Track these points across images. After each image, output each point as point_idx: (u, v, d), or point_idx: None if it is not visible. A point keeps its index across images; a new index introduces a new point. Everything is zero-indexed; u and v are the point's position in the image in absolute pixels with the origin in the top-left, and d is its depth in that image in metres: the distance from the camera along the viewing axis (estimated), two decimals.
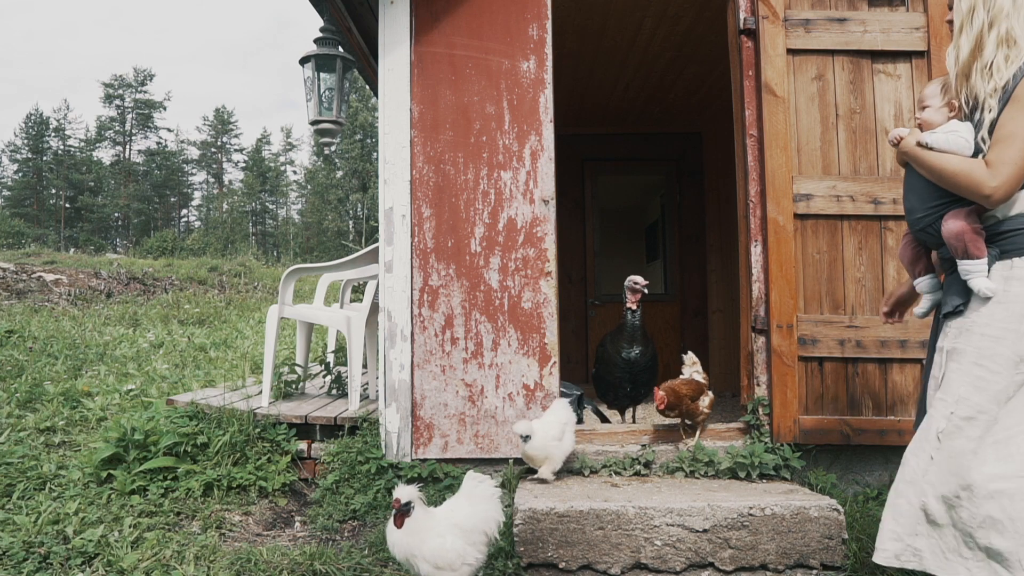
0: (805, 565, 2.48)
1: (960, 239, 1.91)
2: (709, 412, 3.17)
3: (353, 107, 41.87)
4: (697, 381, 3.18)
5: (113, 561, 2.50)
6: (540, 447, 2.89)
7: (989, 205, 1.86)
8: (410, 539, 2.16)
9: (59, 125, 54.96)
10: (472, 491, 2.37)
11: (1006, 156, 1.79)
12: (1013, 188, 1.82)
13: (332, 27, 4.54)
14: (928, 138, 1.97)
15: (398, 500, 2.16)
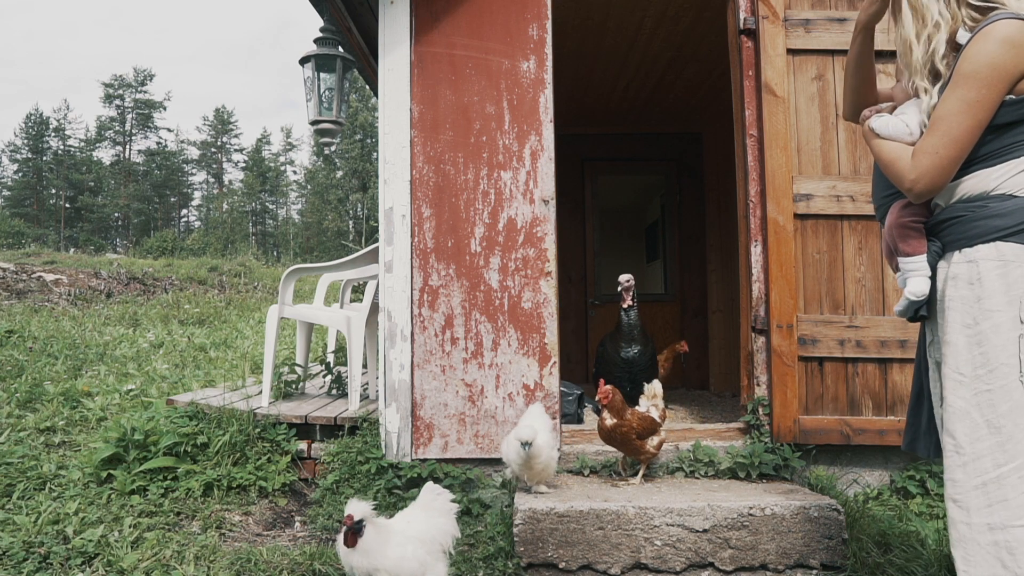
0: (805, 565, 2.48)
1: (890, 233, 1.79)
2: (656, 454, 2.92)
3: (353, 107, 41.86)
4: (651, 418, 2.92)
5: (113, 561, 2.50)
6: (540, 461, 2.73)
7: (912, 198, 1.71)
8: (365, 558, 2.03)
9: (59, 125, 54.97)
10: (430, 503, 2.28)
11: (927, 145, 1.63)
12: (935, 179, 1.64)
13: (332, 27, 4.54)
14: (873, 122, 1.80)
15: (351, 517, 2.02)
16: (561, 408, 3.30)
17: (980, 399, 1.58)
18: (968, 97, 1.58)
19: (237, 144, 60.30)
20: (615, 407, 2.83)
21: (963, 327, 1.61)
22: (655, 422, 2.91)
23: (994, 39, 1.55)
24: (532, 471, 2.75)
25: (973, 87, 1.57)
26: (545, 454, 2.72)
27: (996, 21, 1.57)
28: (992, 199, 1.61)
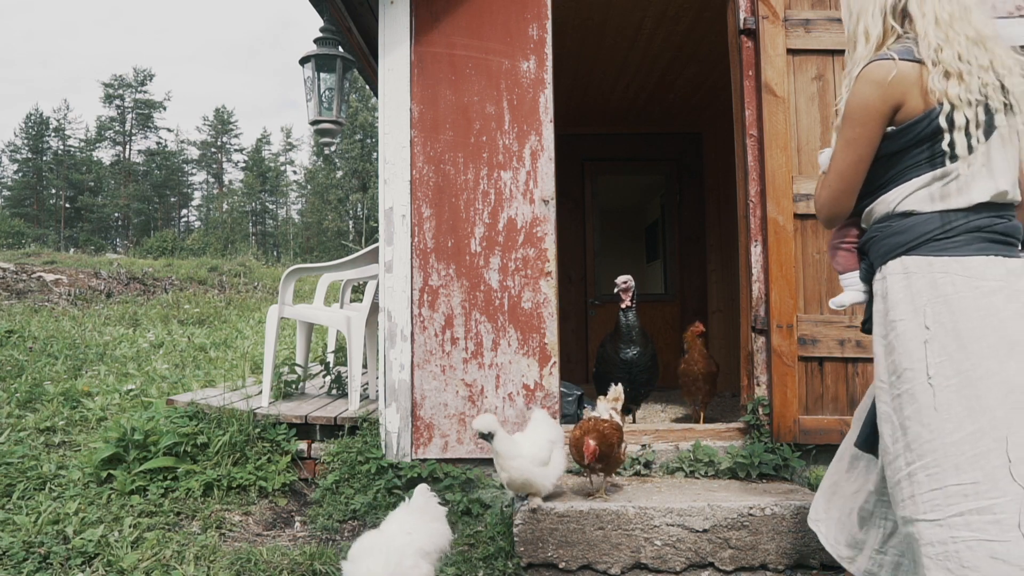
0: (805, 565, 2.48)
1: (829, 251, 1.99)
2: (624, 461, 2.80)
3: (353, 107, 41.86)
4: (617, 424, 2.69)
5: (113, 561, 2.50)
6: (520, 471, 2.49)
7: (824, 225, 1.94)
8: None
9: (59, 125, 54.97)
10: (423, 507, 2.21)
11: (825, 179, 1.85)
12: (831, 209, 1.84)
13: (332, 27, 4.54)
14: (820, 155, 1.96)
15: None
16: (561, 408, 3.30)
17: (895, 403, 1.69)
18: (847, 135, 1.76)
19: (237, 144, 60.33)
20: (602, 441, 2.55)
21: (880, 338, 1.76)
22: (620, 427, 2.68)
23: (864, 81, 1.72)
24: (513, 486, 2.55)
25: (849, 126, 1.76)
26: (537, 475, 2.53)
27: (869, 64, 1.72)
28: (895, 218, 1.75)
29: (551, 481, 2.58)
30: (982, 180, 1.68)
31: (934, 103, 1.67)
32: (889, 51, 1.73)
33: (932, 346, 1.64)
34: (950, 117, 1.65)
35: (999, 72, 1.68)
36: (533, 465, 2.52)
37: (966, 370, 1.60)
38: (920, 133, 1.69)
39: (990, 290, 1.64)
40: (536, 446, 2.58)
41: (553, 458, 2.59)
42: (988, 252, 1.67)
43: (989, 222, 1.69)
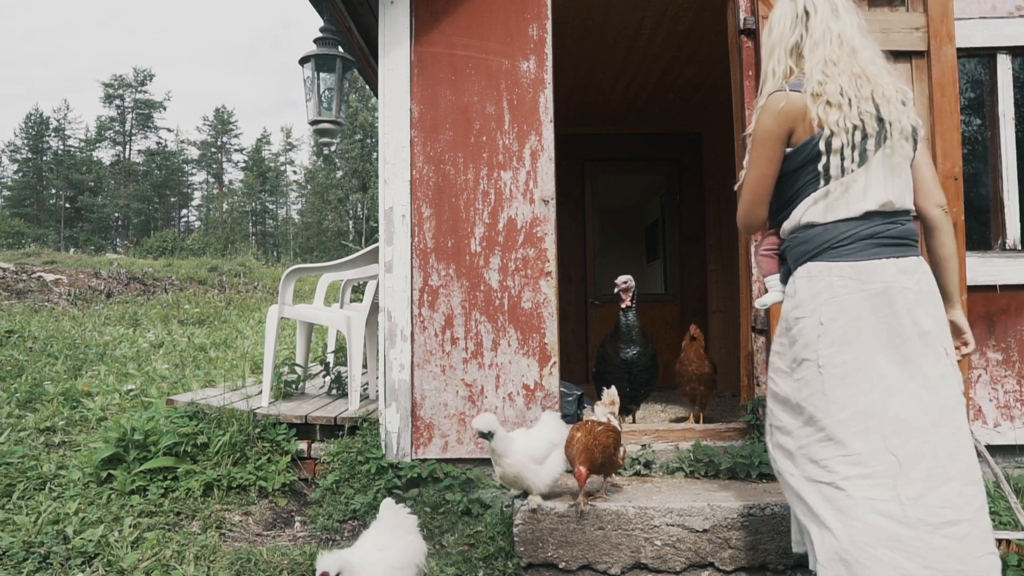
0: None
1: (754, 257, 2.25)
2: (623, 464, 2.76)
3: (353, 107, 41.87)
4: (614, 427, 2.65)
5: (113, 561, 2.50)
6: (513, 466, 2.50)
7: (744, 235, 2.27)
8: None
9: (59, 125, 54.99)
10: (393, 523, 2.15)
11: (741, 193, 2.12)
12: (745, 220, 2.14)
13: (332, 27, 4.54)
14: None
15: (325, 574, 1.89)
16: (561, 408, 3.30)
17: (795, 386, 1.99)
18: (753, 155, 2.06)
19: (237, 144, 60.35)
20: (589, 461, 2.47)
21: (785, 331, 2.05)
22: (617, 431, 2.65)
23: (764, 109, 2.04)
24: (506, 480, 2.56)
25: (753, 147, 2.05)
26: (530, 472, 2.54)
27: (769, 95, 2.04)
28: (800, 229, 2.01)
29: (545, 480, 2.57)
30: (869, 191, 1.93)
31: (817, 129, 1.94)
32: (785, 84, 2.03)
33: (823, 339, 1.91)
34: (828, 141, 1.92)
35: (878, 102, 1.95)
36: (527, 461, 2.52)
37: (848, 361, 1.88)
38: (808, 154, 1.97)
39: (876, 291, 1.89)
40: (533, 443, 2.58)
41: (551, 458, 2.59)
42: (880, 256, 1.91)
43: (881, 229, 1.94)
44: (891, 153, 1.95)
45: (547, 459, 2.58)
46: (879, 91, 1.96)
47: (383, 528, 2.15)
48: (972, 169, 3.44)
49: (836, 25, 2.06)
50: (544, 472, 2.56)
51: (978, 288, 3.24)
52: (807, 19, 2.10)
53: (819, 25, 2.07)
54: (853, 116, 1.92)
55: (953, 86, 3.17)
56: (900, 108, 1.97)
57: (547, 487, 2.58)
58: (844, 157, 1.92)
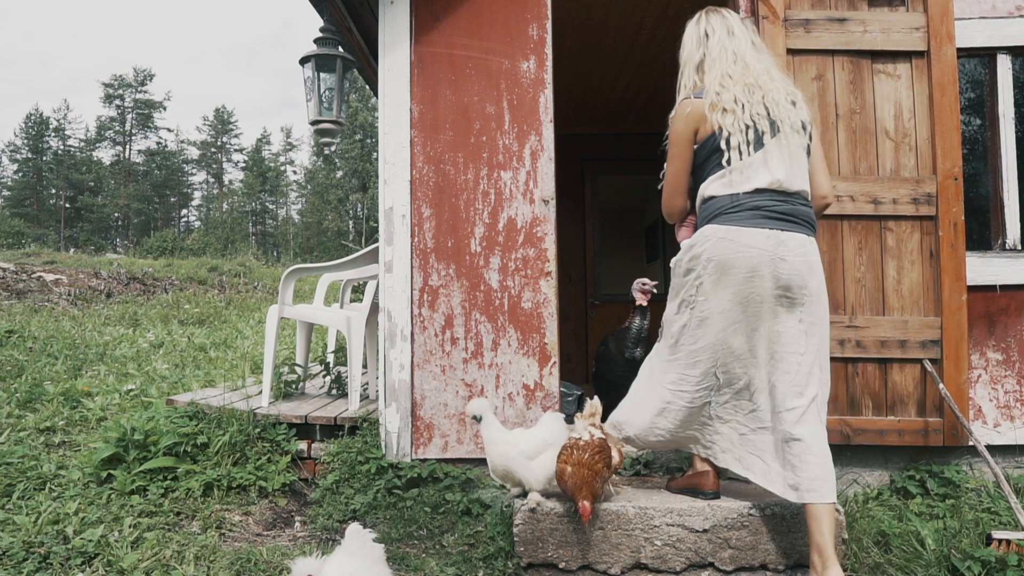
0: (805, 565, 2.48)
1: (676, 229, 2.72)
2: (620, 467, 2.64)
3: (353, 107, 41.87)
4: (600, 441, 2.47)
5: (113, 561, 2.50)
6: (501, 456, 2.51)
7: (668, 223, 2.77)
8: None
9: (59, 125, 54.99)
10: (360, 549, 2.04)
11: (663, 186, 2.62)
12: (667, 208, 2.66)
13: (332, 27, 4.54)
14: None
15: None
16: (561, 409, 3.30)
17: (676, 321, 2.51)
18: (670, 154, 2.55)
19: (237, 144, 60.36)
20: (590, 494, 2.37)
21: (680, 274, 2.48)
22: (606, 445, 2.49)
23: (676, 115, 2.51)
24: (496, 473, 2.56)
25: (670, 148, 2.55)
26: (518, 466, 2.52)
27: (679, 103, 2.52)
28: (705, 201, 2.43)
29: (537, 476, 2.52)
30: (761, 173, 2.32)
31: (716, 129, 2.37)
32: (691, 93, 2.48)
33: (701, 286, 2.35)
34: (727, 140, 2.34)
35: (768, 105, 2.36)
36: (516, 454, 2.50)
37: (712, 306, 2.34)
38: (711, 148, 2.40)
39: (751, 255, 2.27)
40: (526, 438, 2.55)
41: (544, 456, 2.54)
42: (763, 226, 2.27)
43: (768, 203, 2.30)
44: (785, 143, 2.34)
45: (540, 456, 2.54)
46: (769, 96, 2.38)
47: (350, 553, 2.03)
48: (972, 169, 3.44)
49: (731, 44, 2.49)
50: (536, 467, 2.52)
51: (978, 288, 3.24)
52: (707, 40, 2.53)
53: (716, 45, 2.50)
54: (745, 118, 2.35)
55: (953, 86, 3.17)
56: (789, 107, 2.38)
57: (541, 484, 2.54)
58: (740, 150, 2.33)
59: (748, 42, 2.50)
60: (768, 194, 2.30)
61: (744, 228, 2.28)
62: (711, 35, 2.52)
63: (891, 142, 3.22)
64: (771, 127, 2.34)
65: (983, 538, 2.49)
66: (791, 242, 2.27)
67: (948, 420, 3.07)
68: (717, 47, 2.49)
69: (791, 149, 2.34)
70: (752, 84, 2.41)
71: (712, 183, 2.39)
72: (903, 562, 2.48)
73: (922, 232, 3.17)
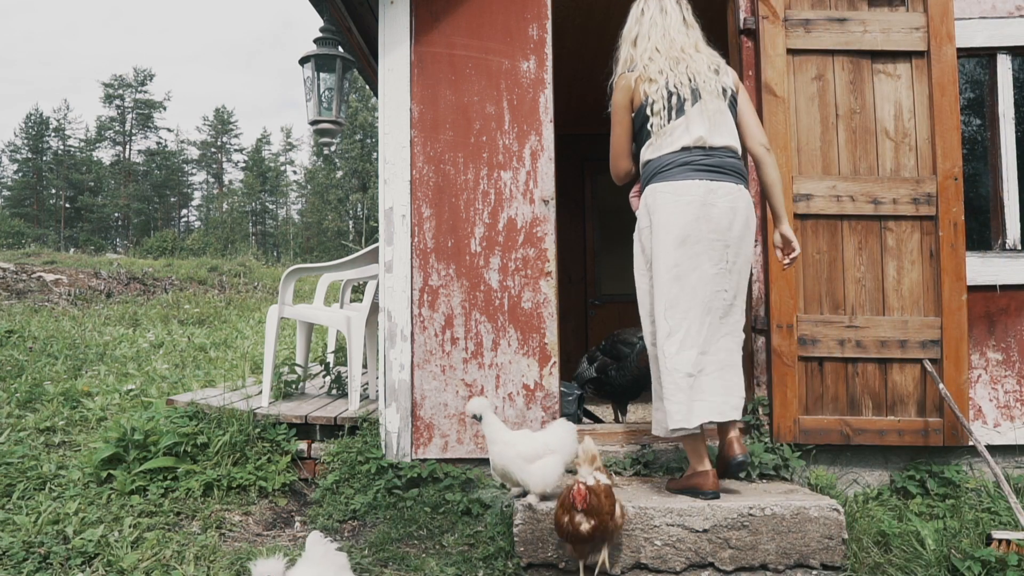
0: (805, 565, 2.48)
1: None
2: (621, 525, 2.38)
3: (353, 107, 41.87)
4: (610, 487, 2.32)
5: (113, 561, 2.50)
6: (499, 456, 2.51)
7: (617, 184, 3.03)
8: None
9: (59, 125, 54.99)
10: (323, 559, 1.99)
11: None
12: (614, 171, 2.93)
13: (332, 27, 4.55)
14: None
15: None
16: (561, 408, 3.30)
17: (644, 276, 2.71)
18: (612, 122, 2.85)
19: (237, 144, 60.35)
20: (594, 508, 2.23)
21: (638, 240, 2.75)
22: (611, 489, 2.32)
23: (615, 87, 2.81)
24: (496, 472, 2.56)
25: (612, 116, 2.84)
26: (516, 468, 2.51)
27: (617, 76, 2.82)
28: (643, 166, 2.75)
29: (536, 480, 2.50)
30: (684, 134, 2.62)
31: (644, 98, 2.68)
32: (627, 68, 2.77)
33: (649, 235, 2.65)
34: (652, 106, 2.66)
35: (691, 75, 2.64)
36: (514, 455, 2.50)
37: (658, 250, 2.60)
38: (643, 114, 2.70)
39: (685, 202, 2.56)
40: (526, 441, 2.54)
41: (545, 461, 2.52)
42: (692, 177, 2.58)
43: (696, 158, 2.61)
44: (706, 107, 2.63)
45: (540, 460, 2.52)
46: (692, 67, 2.66)
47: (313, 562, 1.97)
48: (972, 169, 3.44)
49: (662, 21, 2.77)
50: (535, 471, 2.51)
51: (978, 288, 3.24)
52: (641, 17, 2.82)
53: (647, 21, 2.79)
54: (669, 86, 2.65)
55: (953, 86, 3.17)
56: (711, 75, 2.66)
57: (539, 488, 2.52)
58: (664, 115, 2.64)
59: (679, 19, 2.80)
60: (694, 151, 2.62)
61: (678, 181, 2.59)
62: (646, 12, 2.82)
63: (891, 142, 3.22)
64: (692, 94, 2.64)
65: (983, 538, 2.50)
66: (720, 190, 2.58)
67: (948, 420, 3.07)
68: (648, 24, 2.79)
69: (711, 112, 2.63)
70: (678, 57, 2.70)
71: (646, 149, 2.72)
72: (903, 562, 2.48)
73: (922, 232, 3.17)
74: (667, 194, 2.59)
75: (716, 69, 2.68)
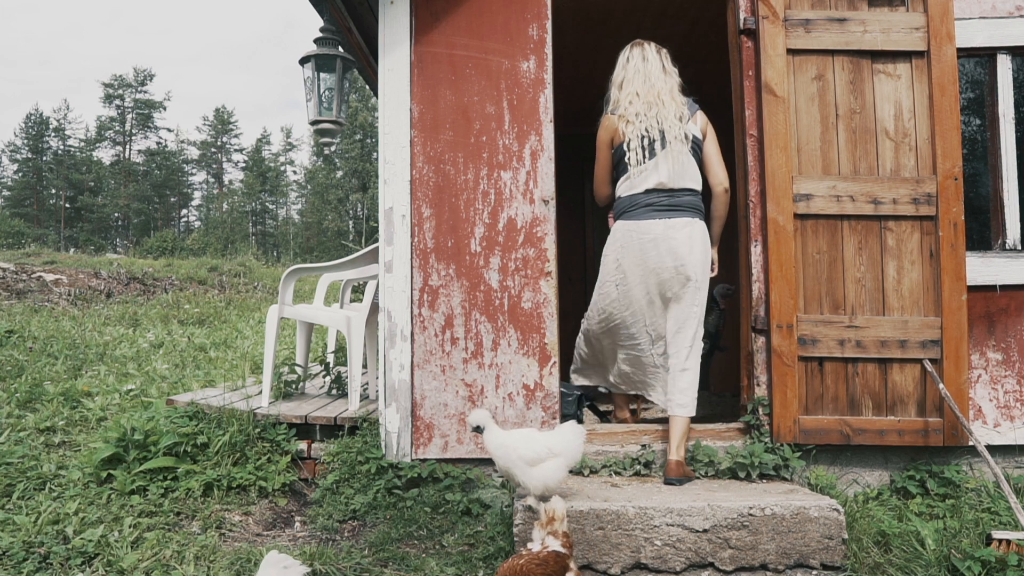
0: (805, 565, 2.48)
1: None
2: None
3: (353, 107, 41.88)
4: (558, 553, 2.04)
5: (113, 561, 2.50)
6: (502, 459, 2.55)
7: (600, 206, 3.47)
8: None
9: (59, 125, 54.99)
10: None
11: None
12: (597, 196, 3.37)
13: (332, 27, 4.55)
14: None
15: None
16: (561, 408, 3.30)
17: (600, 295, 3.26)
18: (597, 153, 3.26)
19: (237, 144, 60.34)
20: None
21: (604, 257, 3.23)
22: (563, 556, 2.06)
23: (600, 125, 3.21)
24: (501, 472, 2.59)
25: (597, 148, 3.25)
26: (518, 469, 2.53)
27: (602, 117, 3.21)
28: (616, 200, 3.22)
29: (536, 482, 2.51)
30: (652, 176, 3.06)
31: (623, 138, 3.10)
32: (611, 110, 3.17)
33: (617, 268, 3.15)
34: (628, 145, 3.08)
35: (660, 120, 3.05)
36: (516, 458, 2.52)
37: (627, 281, 3.14)
38: (621, 150, 3.12)
39: (648, 240, 3.04)
40: (527, 443, 2.54)
41: (545, 464, 2.52)
42: (654, 217, 3.05)
43: (656, 200, 3.06)
44: (669, 152, 3.04)
45: (541, 463, 2.52)
46: (663, 113, 3.05)
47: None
48: (972, 169, 3.44)
49: (643, 68, 3.14)
50: (536, 473, 2.51)
51: (978, 288, 3.24)
52: (626, 64, 3.20)
53: (631, 68, 3.16)
54: (642, 130, 3.04)
55: (953, 86, 3.17)
56: (676, 123, 3.05)
57: (539, 490, 2.52)
58: (637, 156, 3.05)
59: (659, 67, 3.14)
60: (656, 193, 3.06)
61: (642, 221, 3.06)
62: (630, 60, 3.19)
63: (891, 142, 3.22)
64: (661, 138, 3.04)
65: (983, 538, 2.50)
66: (677, 224, 3.03)
67: (948, 420, 3.07)
68: (631, 70, 3.16)
69: (675, 156, 3.04)
70: (653, 102, 3.07)
71: (620, 184, 3.16)
72: (903, 562, 2.48)
73: (922, 232, 3.17)
74: (633, 231, 3.09)
75: (681, 117, 3.06)
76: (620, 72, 3.20)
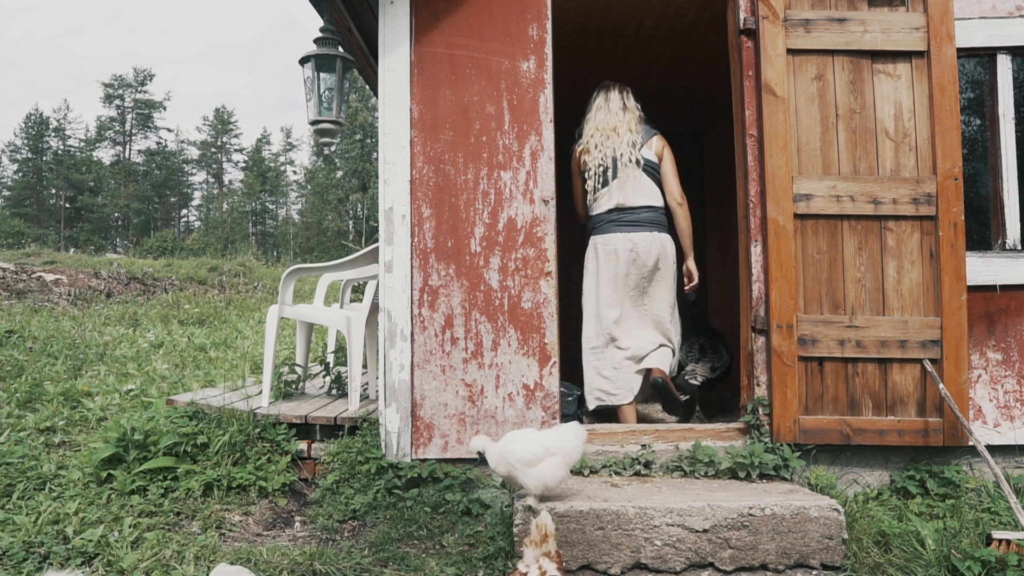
0: (805, 565, 2.48)
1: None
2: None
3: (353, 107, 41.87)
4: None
5: (113, 561, 2.50)
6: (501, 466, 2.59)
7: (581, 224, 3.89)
8: None
9: (59, 125, 54.98)
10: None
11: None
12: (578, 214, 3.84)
13: (332, 27, 4.54)
14: None
15: None
16: (561, 408, 3.30)
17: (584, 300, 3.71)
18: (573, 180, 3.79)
19: (237, 144, 60.33)
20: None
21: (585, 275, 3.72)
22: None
23: (572, 155, 3.76)
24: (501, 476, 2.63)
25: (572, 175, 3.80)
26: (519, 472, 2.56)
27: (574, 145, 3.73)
28: (587, 219, 3.75)
29: (536, 482, 2.52)
30: (613, 197, 3.59)
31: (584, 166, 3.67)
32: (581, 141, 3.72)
33: (590, 275, 3.66)
34: (589, 173, 3.64)
35: (616, 149, 3.57)
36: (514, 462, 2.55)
37: (597, 287, 3.62)
38: (584, 179, 3.69)
39: (613, 250, 3.56)
40: (524, 445, 2.55)
41: (544, 464, 2.53)
42: (617, 232, 3.56)
43: (618, 217, 3.58)
44: (624, 176, 3.55)
45: (539, 463, 2.53)
46: (618, 144, 3.57)
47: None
48: (972, 169, 3.44)
49: (605, 105, 3.65)
50: (535, 473, 2.53)
51: (978, 288, 3.24)
52: (593, 102, 3.71)
53: (595, 107, 3.68)
54: (599, 158, 3.59)
55: (953, 86, 3.17)
56: (629, 149, 3.55)
57: (539, 489, 2.54)
58: (597, 181, 3.60)
59: (619, 105, 3.64)
60: (617, 211, 3.58)
61: (609, 235, 3.58)
62: (596, 100, 3.70)
63: (891, 142, 3.22)
64: (613, 165, 3.56)
65: (983, 538, 2.50)
66: (637, 236, 3.54)
67: (948, 420, 3.07)
68: (595, 108, 3.68)
69: (628, 179, 3.55)
70: (610, 134, 3.59)
71: (591, 204, 3.70)
72: (903, 562, 2.48)
73: (922, 232, 3.17)
74: (603, 244, 3.60)
75: (634, 144, 3.56)
76: (589, 108, 3.71)
